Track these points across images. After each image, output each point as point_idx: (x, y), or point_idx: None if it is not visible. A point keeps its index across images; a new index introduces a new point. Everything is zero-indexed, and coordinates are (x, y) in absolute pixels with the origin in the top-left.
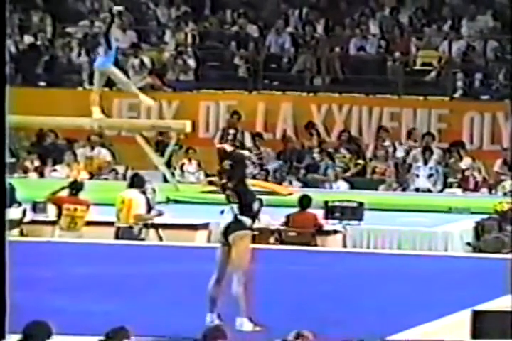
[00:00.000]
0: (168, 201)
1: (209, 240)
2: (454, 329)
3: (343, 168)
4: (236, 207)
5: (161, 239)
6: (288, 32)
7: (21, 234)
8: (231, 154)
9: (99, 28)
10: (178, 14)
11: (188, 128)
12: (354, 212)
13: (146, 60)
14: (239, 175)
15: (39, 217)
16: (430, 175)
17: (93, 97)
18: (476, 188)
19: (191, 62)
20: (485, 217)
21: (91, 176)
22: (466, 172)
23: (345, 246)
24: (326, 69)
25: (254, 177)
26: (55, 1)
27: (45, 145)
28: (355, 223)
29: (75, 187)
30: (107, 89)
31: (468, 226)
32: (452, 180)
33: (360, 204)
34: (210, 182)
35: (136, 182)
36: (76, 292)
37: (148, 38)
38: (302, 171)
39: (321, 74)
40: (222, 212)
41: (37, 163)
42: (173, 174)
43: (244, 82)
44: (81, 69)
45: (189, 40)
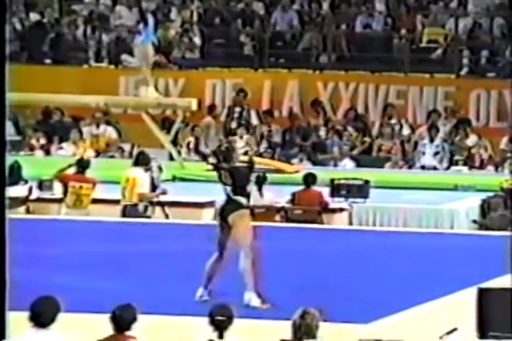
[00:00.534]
0: (174, 179)
1: (215, 218)
2: (459, 307)
3: (349, 145)
4: (230, 188)
5: (167, 216)
6: (294, 9)
7: (28, 211)
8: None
9: (105, 5)
10: None
11: (194, 106)
12: (360, 190)
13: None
14: (235, 157)
15: (45, 195)
16: (436, 153)
17: (143, 77)
18: (482, 166)
19: (197, 39)
20: (491, 194)
21: (97, 154)
22: (472, 150)
23: (351, 223)
24: (332, 46)
25: (260, 155)
26: None
27: (51, 123)
28: (361, 201)
29: (81, 165)
30: (112, 67)
31: (474, 203)
32: (458, 157)
33: (366, 182)
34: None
35: (141, 160)
36: (82, 269)
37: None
38: (308, 149)
39: (327, 52)
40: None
41: (43, 140)
42: (179, 152)
43: (250, 60)
44: (87, 47)
45: (195, 18)
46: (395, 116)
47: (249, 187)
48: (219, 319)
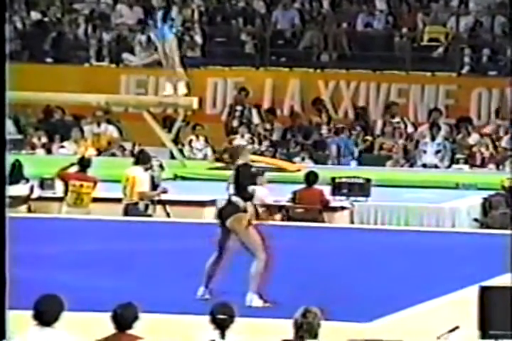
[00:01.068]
0: (175, 177)
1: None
2: (461, 305)
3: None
4: (232, 188)
5: (168, 215)
6: (295, 8)
7: (29, 210)
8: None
9: (106, 4)
10: None
11: (195, 105)
12: (361, 188)
13: (153, 36)
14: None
15: (47, 194)
16: (438, 151)
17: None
18: (483, 164)
19: (198, 38)
20: (492, 193)
21: (98, 153)
22: (474, 148)
23: (352, 222)
24: (333, 45)
25: (262, 154)
26: None
27: (52, 121)
28: (363, 199)
29: (83, 163)
30: (113, 66)
31: (476, 202)
32: (459, 156)
33: (368, 181)
34: (218, 159)
35: (141, 159)
36: (84, 268)
37: (155, 14)
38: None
39: (328, 51)
40: (228, 188)
41: (44, 139)
42: (180, 150)
43: (251, 59)
44: (88, 46)
45: (196, 17)
46: (398, 115)
47: (251, 189)
48: (220, 317)
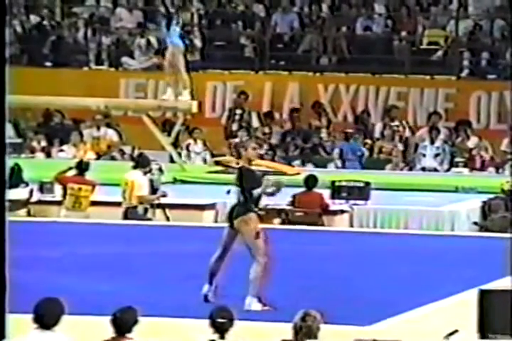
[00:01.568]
0: (174, 181)
1: (216, 220)
2: (460, 309)
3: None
4: (238, 190)
5: (168, 219)
6: (294, 11)
7: (28, 214)
8: None
9: (105, 8)
10: None
11: (194, 109)
12: (361, 192)
13: (153, 39)
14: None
15: (46, 197)
16: (437, 155)
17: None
18: (482, 167)
19: (197, 42)
20: (492, 196)
21: (98, 156)
22: (473, 152)
23: (351, 225)
24: (333, 48)
25: (261, 157)
26: None
27: (51, 125)
28: (362, 203)
29: (81, 167)
30: (112, 70)
31: (475, 205)
32: (459, 159)
33: (367, 184)
34: (217, 163)
35: (141, 163)
36: (83, 272)
37: (154, 18)
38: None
39: (327, 54)
40: (228, 192)
41: (44, 143)
42: (179, 154)
43: (250, 62)
44: (87, 50)
45: (195, 20)
46: (397, 118)
47: (257, 191)
48: (220, 321)
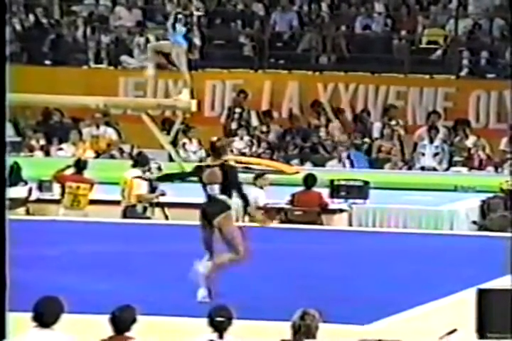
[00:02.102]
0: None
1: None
2: (459, 308)
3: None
4: (218, 186)
5: (166, 217)
6: (293, 10)
7: (27, 212)
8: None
9: (105, 6)
10: None
11: (193, 107)
12: (360, 191)
13: (152, 38)
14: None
15: (45, 196)
16: (436, 154)
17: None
18: (481, 167)
19: (197, 40)
20: (491, 195)
21: (97, 155)
22: (472, 151)
23: (350, 225)
24: (332, 47)
25: (259, 156)
26: None
27: (51, 123)
28: (361, 202)
29: (79, 165)
30: (112, 68)
31: (474, 204)
32: (458, 158)
33: (366, 183)
34: None
35: (139, 162)
36: (82, 270)
37: (153, 17)
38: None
39: (326, 53)
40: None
41: (43, 141)
42: (178, 153)
43: (250, 61)
44: (86, 48)
45: (194, 19)
46: (396, 118)
47: (234, 186)
48: (218, 320)
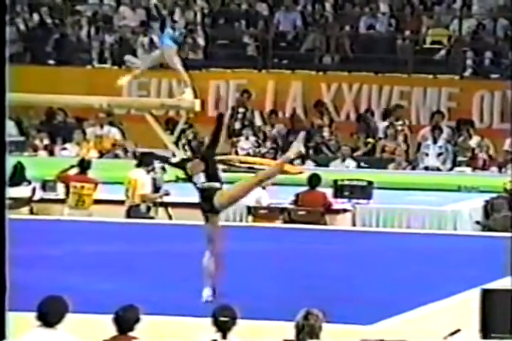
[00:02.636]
0: (177, 179)
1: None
2: (462, 308)
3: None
4: (203, 175)
5: (170, 217)
6: (297, 10)
7: (31, 212)
8: None
9: (109, 6)
10: None
11: (197, 107)
12: (363, 191)
13: (156, 38)
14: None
15: (49, 196)
16: (439, 154)
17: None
18: (485, 167)
19: (200, 40)
20: (494, 195)
21: (101, 155)
22: (476, 151)
23: (354, 224)
24: (336, 47)
25: (263, 156)
26: None
27: (54, 123)
28: (365, 202)
29: (83, 165)
30: (115, 68)
31: (478, 204)
32: (462, 158)
33: (370, 183)
34: (220, 161)
35: (144, 161)
36: (86, 270)
37: (157, 17)
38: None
39: (330, 53)
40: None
41: (46, 141)
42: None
43: (253, 61)
44: (90, 48)
45: (198, 19)
46: (402, 118)
47: (221, 173)
48: (222, 320)
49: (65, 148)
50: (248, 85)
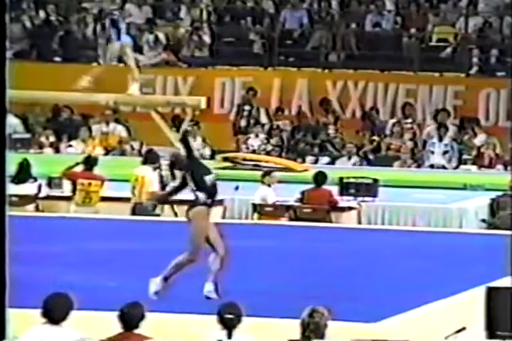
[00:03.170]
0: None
1: (224, 216)
2: (468, 306)
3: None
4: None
5: (176, 215)
6: (303, 8)
7: (37, 209)
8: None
9: (115, 3)
10: None
11: (203, 105)
12: (369, 189)
13: (161, 35)
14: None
15: (55, 193)
16: (445, 152)
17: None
18: (491, 165)
19: (206, 38)
20: (500, 193)
21: (106, 152)
22: (481, 149)
23: (359, 222)
24: (342, 45)
25: (268, 154)
26: None
27: (60, 120)
28: (370, 199)
29: (89, 162)
30: (121, 65)
31: (483, 202)
32: (467, 156)
33: (375, 181)
34: (225, 159)
35: (150, 159)
36: (91, 267)
37: (163, 14)
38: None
39: (336, 51)
40: (236, 188)
41: (52, 138)
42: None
43: (259, 58)
44: (96, 45)
45: (204, 16)
46: (411, 116)
47: (208, 178)
48: (228, 317)
49: (70, 145)
50: (254, 83)
